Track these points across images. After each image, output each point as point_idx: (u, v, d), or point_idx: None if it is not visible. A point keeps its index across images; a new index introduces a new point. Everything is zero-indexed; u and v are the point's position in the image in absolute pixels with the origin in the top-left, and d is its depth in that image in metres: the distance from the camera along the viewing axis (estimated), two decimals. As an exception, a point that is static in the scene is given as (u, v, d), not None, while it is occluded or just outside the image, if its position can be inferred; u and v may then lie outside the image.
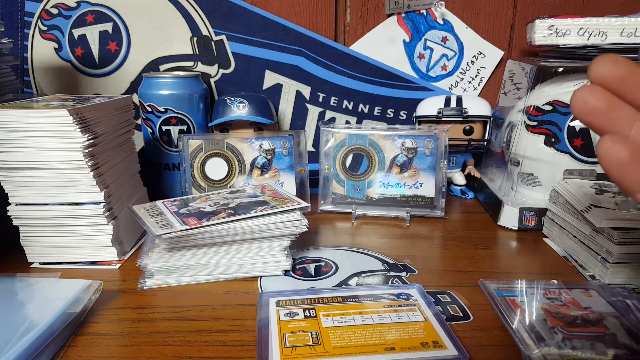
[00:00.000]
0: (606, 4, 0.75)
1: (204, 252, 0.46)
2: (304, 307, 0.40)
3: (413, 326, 0.38)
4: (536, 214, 0.59)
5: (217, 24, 0.73)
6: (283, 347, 0.35)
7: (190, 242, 0.45)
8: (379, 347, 0.35)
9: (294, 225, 0.47)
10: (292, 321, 0.38)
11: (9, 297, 0.40)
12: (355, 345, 0.35)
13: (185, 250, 0.46)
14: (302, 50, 0.75)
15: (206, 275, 0.46)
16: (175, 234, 0.44)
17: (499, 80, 0.79)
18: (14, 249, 0.50)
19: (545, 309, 0.40)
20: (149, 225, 0.45)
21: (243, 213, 0.47)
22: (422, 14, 0.77)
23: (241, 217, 0.46)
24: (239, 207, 0.49)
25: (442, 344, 0.35)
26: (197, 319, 0.40)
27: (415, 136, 0.63)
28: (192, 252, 0.46)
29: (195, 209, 0.50)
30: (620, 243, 0.44)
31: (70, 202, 0.48)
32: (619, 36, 0.59)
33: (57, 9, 0.71)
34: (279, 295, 0.43)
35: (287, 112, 0.78)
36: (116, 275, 0.48)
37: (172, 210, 0.49)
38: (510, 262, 0.53)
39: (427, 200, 0.64)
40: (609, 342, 0.35)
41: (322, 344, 0.35)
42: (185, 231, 0.44)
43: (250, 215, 0.46)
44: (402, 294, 0.43)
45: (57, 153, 0.46)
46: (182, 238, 0.44)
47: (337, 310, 0.40)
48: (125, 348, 0.37)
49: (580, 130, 0.57)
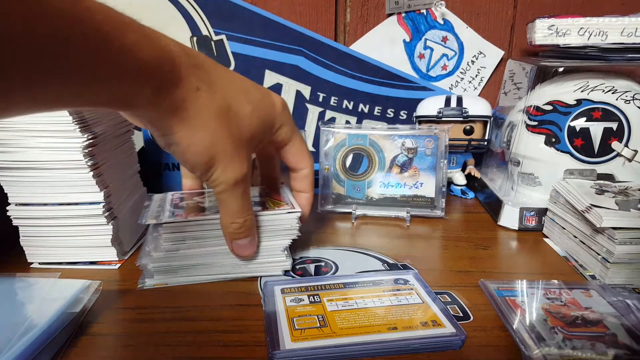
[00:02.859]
0: (606, 4, 0.75)
1: (203, 251, 0.46)
2: (308, 294, 0.42)
3: (412, 307, 0.40)
4: (536, 214, 0.59)
5: (217, 23, 0.73)
6: (292, 330, 0.37)
7: (174, 233, 0.45)
8: (382, 327, 0.37)
9: (285, 228, 0.47)
10: (299, 306, 0.40)
11: (8, 297, 0.40)
12: (360, 326, 0.37)
13: (185, 249, 0.46)
14: (302, 50, 0.75)
15: (206, 275, 0.46)
16: (156, 222, 0.45)
17: (499, 80, 0.79)
18: (14, 249, 0.50)
19: (545, 309, 0.40)
20: (144, 211, 0.46)
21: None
22: (422, 14, 0.77)
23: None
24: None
25: (440, 322, 0.38)
26: (197, 319, 0.40)
27: (416, 136, 0.63)
28: (192, 251, 0.46)
29: (195, 203, 0.50)
30: (621, 243, 0.44)
31: (69, 202, 0.48)
32: (619, 36, 0.59)
33: (57, 9, 0.71)
34: (283, 283, 0.44)
35: (287, 112, 0.78)
36: (116, 275, 0.48)
37: (175, 202, 0.50)
38: (511, 262, 0.53)
39: (427, 200, 0.64)
40: (609, 342, 0.35)
41: (329, 326, 0.37)
42: (167, 222, 0.44)
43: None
44: (399, 279, 0.45)
45: (56, 153, 0.46)
46: (164, 227, 0.45)
47: (339, 295, 0.42)
48: (125, 348, 0.37)
49: (581, 130, 0.57)
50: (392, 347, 0.35)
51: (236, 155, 0.39)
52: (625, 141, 0.55)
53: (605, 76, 0.59)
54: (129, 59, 0.30)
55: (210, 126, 0.37)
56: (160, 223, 0.45)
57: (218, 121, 0.37)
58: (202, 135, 0.37)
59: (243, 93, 0.40)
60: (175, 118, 0.35)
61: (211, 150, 0.37)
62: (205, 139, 0.37)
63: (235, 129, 0.39)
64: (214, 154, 0.38)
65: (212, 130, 0.37)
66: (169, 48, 0.34)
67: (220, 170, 0.39)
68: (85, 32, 0.26)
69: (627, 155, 0.56)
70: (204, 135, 0.37)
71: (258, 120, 0.41)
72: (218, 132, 0.37)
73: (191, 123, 0.36)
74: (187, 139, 0.36)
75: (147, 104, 0.33)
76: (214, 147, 0.37)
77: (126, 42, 0.29)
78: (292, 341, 0.35)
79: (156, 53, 0.32)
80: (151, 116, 0.35)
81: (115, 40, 0.28)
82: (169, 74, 0.34)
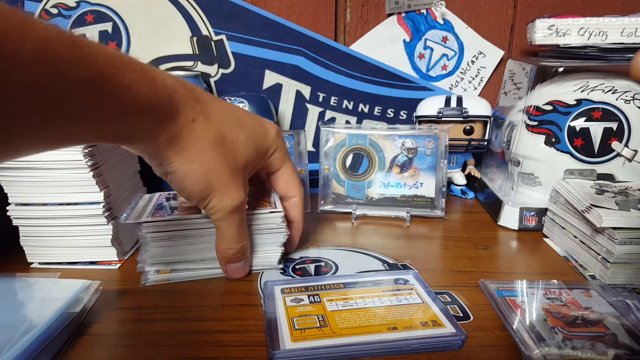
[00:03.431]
0: (606, 4, 0.75)
1: (192, 248, 0.47)
2: (308, 294, 0.42)
3: (412, 307, 0.40)
4: (536, 213, 0.59)
5: (217, 23, 0.73)
6: (292, 330, 0.37)
7: (157, 232, 0.45)
8: (382, 327, 0.37)
9: (269, 228, 0.48)
10: (299, 306, 0.40)
11: (8, 297, 0.40)
12: (360, 326, 0.37)
13: (173, 246, 0.46)
14: (302, 50, 0.75)
15: (206, 270, 0.47)
16: (131, 221, 0.45)
17: (499, 80, 0.79)
18: (14, 249, 0.50)
19: (545, 309, 0.40)
20: (127, 210, 0.47)
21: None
22: (422, 14, 0.77)
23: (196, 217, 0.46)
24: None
25: (440, 322, 0.38)
26: (197, 319, 0.40)
27: (416, 136, 0.63)
28: (180, 248, 0.46)
29: (177, 202, 0.50)
30: (621, 243, 0.44)
31: (70, 202, 0.48)
32: (619, 36, 0.59)
33: (57, 9, 0.71)
34: (283, 283, 0.44)
35: (287, 112, 0.78)
36: (116, 275, 0.48)
37: (159, 201, 0.50)
38: (511, 262, 0.53)
39: (427, 200, 0.64)
40: (609, 342, 0.35)
41: (329, 326, 0.37)
42: (147, 222, 0.45)
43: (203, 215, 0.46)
44: (399, 279, 0.45)
45: (56, 153, 0.46)
46: (141, 226, 0.45)
47: (339, 295, 0.42)
48: (125, 348, 0.37)
49: (581, 130, 0.57)
50: (392, 347, 0.35)
51: (232, 183, 0.40)
52: (625, 141, 0.55)
53: (605, 76, 0.59)
54: (129, 98, 0.31)
55: (207, 156, 0.38)
56: (141, 222, 0.45)
57: (214, 151, 0.38)
58: (198, 164, 0.38)
59: (237, 122, 0.41)
60: (172, 149, 0.36)
61: (207, 179, 0.38)
62: (201, 168, 0.38)
63: (231, 158, 0.40)
64: (210, 182, 0.39)
65: (208, 159, 0.38)
66: (166, 84, 0.35)
67: (217, 198, 0.40)
68: (88, 75, 0.27)
69: (627, 155, 0.56)
70: (200, 164, 0.38)
71: (252, 147, 0.42)
72: (214, 161, 0.38)
73: (188, 153, 0.37)
74: (184, 168, 0.37)
75: (145, 138, 0.34)
76: (210, 175, 0.38)
77: (126, 81, 0.30)
78: (292, 341, 0.35)
79: (154, 90, 0.33)
80: (148, 148, 0.36)
81: (116, 80, 0.29)
82: (167, 109, 0.35)
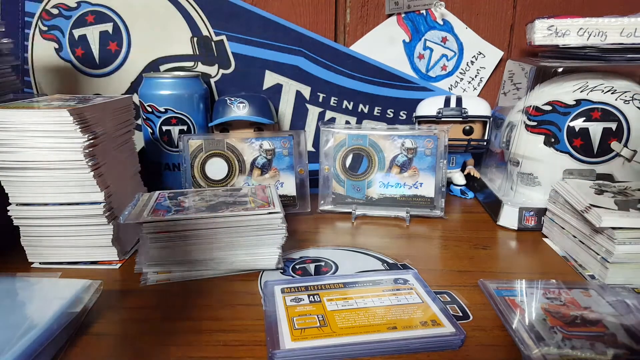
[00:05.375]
0: (606, 4, 0.75)
1: (201, 247, 0.47)
2: (308, 294, 0.42)
3: (412, 307, 0.40)
4: (536, 213, 0.59)
5: (217, 24, 0.73)
6: (292, 329, 0.37)
7: (152, 231, 0.46)
8: (382, 327, 0.37)
9: (267, 228, 0.48)
10: (299, 306, 0.40)
11: (9, 297, 0.40)
12: (360, 325, 0.37)
13: (173, 247, 0.46)
14: (302, 51, 0.75)
15: (206, 270, 0.47)
16: (130, 222, 0.45)
17: (499, 81, 0.79)
18: (15, 248, 0.50)
19: (544, 309, 0.40)
20: (126, 211, 0.47)
21: (208, 211, 0.47)
22: (422, 14, 0.77)
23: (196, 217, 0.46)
24: (211, 206, 0.49)
25: (439, 322, 0.38)
26: (197, 319, 0.40)
27: (415, 136, 0.63)
28: (189, 247, 0.46)
29: (177, 202, 0.50)
30: (620, 243, 0.44)
31: (70, 202, 0.48)
32: (618, 36, 0.59)
33: (58, 9, 0.71)
34: (283, 283, 0.44)
35: (287, 112, 0.78)
36: (116, 275, 0.48)
37: (159, 200, 0.50)
38: (510, 262, 0.53)
39: (427, 200, 0.64)
40: (608, 342, 0.35)
41: (329, 326, 0.37)
42: (140, 222, 0.45)
43: (208, 215, 0.46)
44: (399, 279, 0.45)
45: (57, 153, 0.46)
46: (142, 226, 0.45)
47: (339, 295, 0.42)
48: (125, 348, 0.37)
49: (580, 130, 0.57)
50: (391, 346, 0.35)
51: None
52: (624, 141, 0.56)
53: (604, 76, 0.59)
54: None
55: None
56: (140, 222, 0.45)
57: None
58: None
59: None
60: None
61: None
62: None
63: None
64: None
65: None
66: None
67: None
68: None
69: (626, 155, 0.56)
70: None
71: None
72: None
73: None
74: None
75: None
76: None
77: None
78: (292, 341, 0.35)
79: None
80: None
81: None
82: None
